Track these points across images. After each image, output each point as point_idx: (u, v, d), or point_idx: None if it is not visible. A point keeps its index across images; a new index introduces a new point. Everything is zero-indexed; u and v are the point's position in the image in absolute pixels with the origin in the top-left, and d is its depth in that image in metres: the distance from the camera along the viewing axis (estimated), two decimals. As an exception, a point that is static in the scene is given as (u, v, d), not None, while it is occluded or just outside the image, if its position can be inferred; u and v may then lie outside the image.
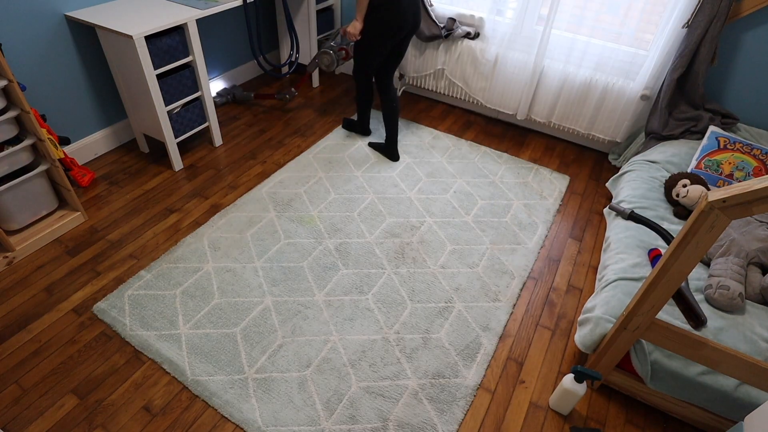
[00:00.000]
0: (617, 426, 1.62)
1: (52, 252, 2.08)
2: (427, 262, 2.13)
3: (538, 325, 1.92)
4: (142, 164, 2.62)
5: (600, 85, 2.65)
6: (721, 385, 1.42)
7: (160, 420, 1.53)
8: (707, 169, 2.12)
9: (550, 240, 2.31)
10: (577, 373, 1.48)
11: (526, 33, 2.80)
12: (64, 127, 2.44)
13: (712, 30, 2.19)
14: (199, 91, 2.56)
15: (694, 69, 2.32)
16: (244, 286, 1.96)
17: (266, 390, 1.61)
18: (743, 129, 2.39)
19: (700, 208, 1.10)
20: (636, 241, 1.82)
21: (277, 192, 2.46)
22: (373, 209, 2.39)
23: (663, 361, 1.47)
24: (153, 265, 2.02)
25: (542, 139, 3.08)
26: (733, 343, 1.46)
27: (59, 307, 1.85)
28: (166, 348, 1.72)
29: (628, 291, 1.61)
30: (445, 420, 1.58)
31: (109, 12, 2.27)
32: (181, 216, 2.30)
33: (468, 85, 3.10)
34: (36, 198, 2.07)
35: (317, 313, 1.88)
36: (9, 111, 1.84)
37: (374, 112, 3.23)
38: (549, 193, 2.59)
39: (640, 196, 2.04)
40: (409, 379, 1.68)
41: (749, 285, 1.63)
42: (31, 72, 2.20)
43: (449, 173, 2.68)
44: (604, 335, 1.55)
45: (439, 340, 1.81)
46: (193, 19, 2.31)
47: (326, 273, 2.04)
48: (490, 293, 2.01)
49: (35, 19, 2.14)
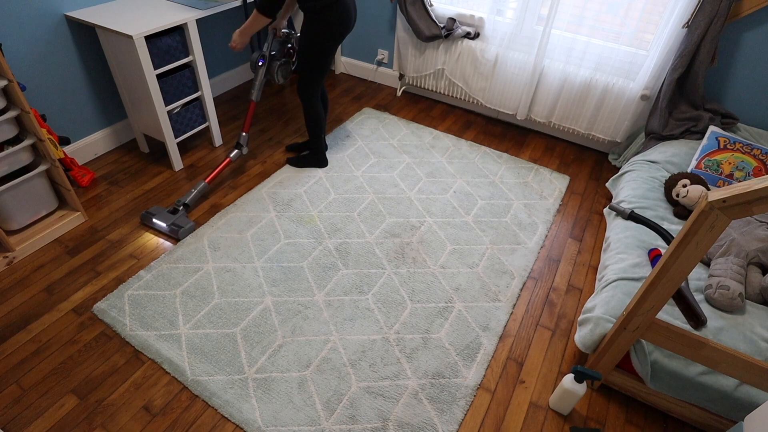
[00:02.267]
0: (617, 426, 1.62)
1: (52, 252, 2.08)
2: (427, 262, 2.13)
3: (538, 325, 1.92)
4: (142, 164, 2.62)
5: (600, 85, 2.65)
6: (721, 385, 1.42)
7: (160, 420, 1.53)
8: (707, 169, 2.12)
9: (550, 240, 2.31)
10: (577, 373, 1.48)
11: (526, 33, 2.80)
12: (64, 127, 2.44)
13: (712, 30, 2.19)
14: (199, 91, 2.56)
15: (694, 69, 2.32)
16: (244, 286, 1.96)
17: (266, 390, 1.61)
18: (743, 129, 2.39)
19: (700, 208, 1.10)
20: (636, 241, 1.82)
21: (277, 192, 2.46)
22: (373, 209, 2.39)
23: (663, 361, 1.47)
24: (153, 265, 2.02)
25: (542, 139, 3.08)
26: (733, 343, 1.46)
27: (59, 307, 1.85)
28: (166, 348, 1.72)
29: (628, 291, 1.61)
30: (445, 420, 1.58)
31: (109, 12, 2.27)
32: (181, 216, 2.30)
33: (468, 85, 3.10)
34: (36, 198, 2.07)
35: (317, 313, 1.88)
36: (9, 111, 1.84)
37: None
38: (549, 193, 2.59)
39: (640, 196, 2.04)
40: (409, 379, 1.68)
41: (749, 285, 1.63)
42: (31, 72, 2.20)
43: (449, 173, 2.68)
44: (604, 335, 1.55)
45: (439, 340, 1.81)
46: (193, 19, 2.31)
47: (326, 273, 2.04)
48: (490, 293, 2.01)
49: (35, 19, 2.14)
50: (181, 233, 2.15)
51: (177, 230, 2.15)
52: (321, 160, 2.63)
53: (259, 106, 3.23)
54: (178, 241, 2.15)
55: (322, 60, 2.25)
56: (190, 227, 2.18)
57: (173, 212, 2.24)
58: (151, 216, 2.21)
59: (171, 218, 2.20)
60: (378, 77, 3.61)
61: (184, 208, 2.26)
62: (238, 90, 3.41)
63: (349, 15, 2.18)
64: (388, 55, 3.45)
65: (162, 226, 2.18)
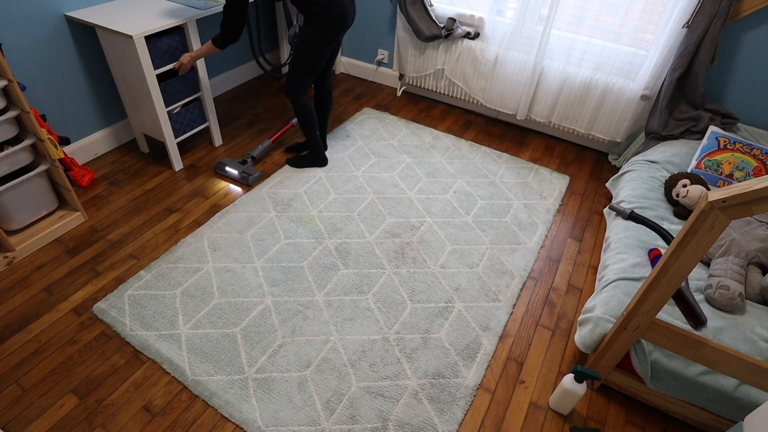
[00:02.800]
0: (617, 426, 1.62)
1: (52, 252, 2.08)
2: (427, 262, 2.13)
3: (538, 325, 1.92)
4: (142, 164, 2.62)
5: (600, 85, 2.65)
6: (721, 385, 1.42)
7: (160, 420, 1.53)
8: (707, 169, 2.12)
9: (550, 240, 2.31)
10: (577, 373, 1.48)
11: (526, 33, 2.80)
12: (64, 127, 2.44)
13: (712, 30, 2.19)
14: (199, 91, 2.56)
15: (694, 69, 2.32)
16: (244, 286, 1.96)
17: (266, 390, 1.61)
18: (743, 129, 2.39)
19: (700, 208, 1.10)
20: (636, 241, 1.82)
21: (277, 192, 2.46)
22: (373, 209, 2.39)
23: (663, 361, 1.47)
24: (153, 265, 2.02)
25: (542, 139, 3.08)
26: (733, 343, 1.46)
27: (59, 307, 1.85)
28: (166, 348, 1.72)
29: (628, 291, 1.61)
30: (445, 420, 1.58)
31: (109, 12, 2.27)
32: (181, 216, 2.30)
33: (468, 85, 3.10)
34: (36, 198, 2.07)
35: (317, 313, 1.88)
36: (9, 111, 1.84)
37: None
38: (549, 193, 2.59)
39: (640, 196, 2.04)
40: (409, 379, 1.68)
41: (749, 285, 1.63)
42: (31, 72, 2.20)
43: (449, 173, 2.68)
44: (604, 335, 1.55)
45: (439, 340, 1.81)
46: (193, 19, 2.31)
47: (326, 273, 2.04)
48: (490, 293, 2.01)
49: (35, 19, 2.14)
50: (251, 180, 2.46)
51: (247, 177, 2.46)
52: (320, 159, 2.63)
53: (259, 106, 3.23)
54: (249, 187, 2.47)
55: (313, 60, 2.24)
56: (258, 175, 2.49)
57: (243, 162, 2.55)
58: (224, 165, 2.51)
59: (241, 167, 2.50)
60: (378, 77, 3.61)
61: (251, 160, 2.56)
62: (238, 90, 3.41)
63: (347, 17, 2.17)
64: (388, 55, 3.45)
65: (234, 173, 2.49)
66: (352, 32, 3.50)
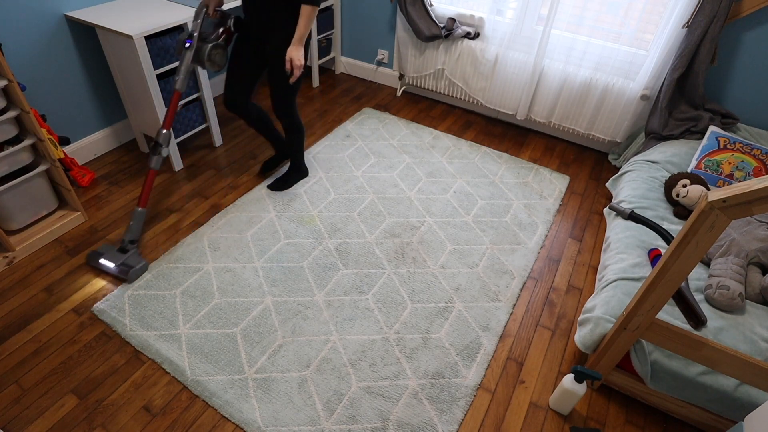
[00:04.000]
0: (617, 426, 1.62)
1: (52, 252, 2.08)
2: (427, 262, 2.13)
3: (538, 325, 1.92)
4: (142, 164, 2.62)
5: (600, 85, 2.65)
6: (721, 385, 1.42)
7: (160, 420, 1.53)
8: (707, 169, 2.12)
9: (550, 240, 2.31)
10: (577, 373, 1.48)
11: (526, 33, 2.80)
12: (64, 127, 2.44)
13: (712, 30, 2.19)
14: (199, 92, 2.56)
15: (694, 69, 2.32)
16: (244, 286, 1.96)
17: (266, 390, 1.61)
18: (743, 129, 2.39)
19: (700, 208, 1.10)
20: (636, 241, 1.82)
21: (277, 192, 2.46)
22: (373, 209, 2.39)
23: (663, 361, 1.47)
24: (153, 265, 2.02)
25: (542, 139, 3.08)
26: (733, 343, 1.46)
27: (59, 307, 1.85)
28: (166, 348, 1.72)
29: (628, 291, 1.61)
30: (445, 420, 1.58)
31: (109, 12, 2.27)
32: (181, 216, 2.30)
33: (468, 85, 3.10)
34: (36, 198, 2.07)
35: (317, 313, 1.88)
36: (9, 111, 1.84)
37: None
38: (549, 193, 2.59)
39: (640, 196, 2.04)
40: (409, 379, 1.68)
41: (749, 285, 1.63)
42: (31, 72, 2.20)
43: (449, 173, 2.68)
44: (604, 335, 1.55)
45: (439, 340, 1.81)
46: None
47: (326, 273, 2.04)
48: (490, 293, 2.01)
49: (35, 19, 2.14)
50: (132, 274, 1.92)
51: (127, 271, 1.92)
52: (304, 171, 2.52)
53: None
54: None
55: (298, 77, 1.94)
56: (141, 266, 1.95)
57: (122, 251, 1.99)
58: (98, 257, 1.97)
59: (120, 258, 1.96)
60: (378, 77, 3.61)
61: (132, 246, 2.01)
62: (238, 90, 3.40)
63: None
64: (388, 55, 3.45)
65: (110, 267, 1.94)
66: (353, 32, 3.50)
